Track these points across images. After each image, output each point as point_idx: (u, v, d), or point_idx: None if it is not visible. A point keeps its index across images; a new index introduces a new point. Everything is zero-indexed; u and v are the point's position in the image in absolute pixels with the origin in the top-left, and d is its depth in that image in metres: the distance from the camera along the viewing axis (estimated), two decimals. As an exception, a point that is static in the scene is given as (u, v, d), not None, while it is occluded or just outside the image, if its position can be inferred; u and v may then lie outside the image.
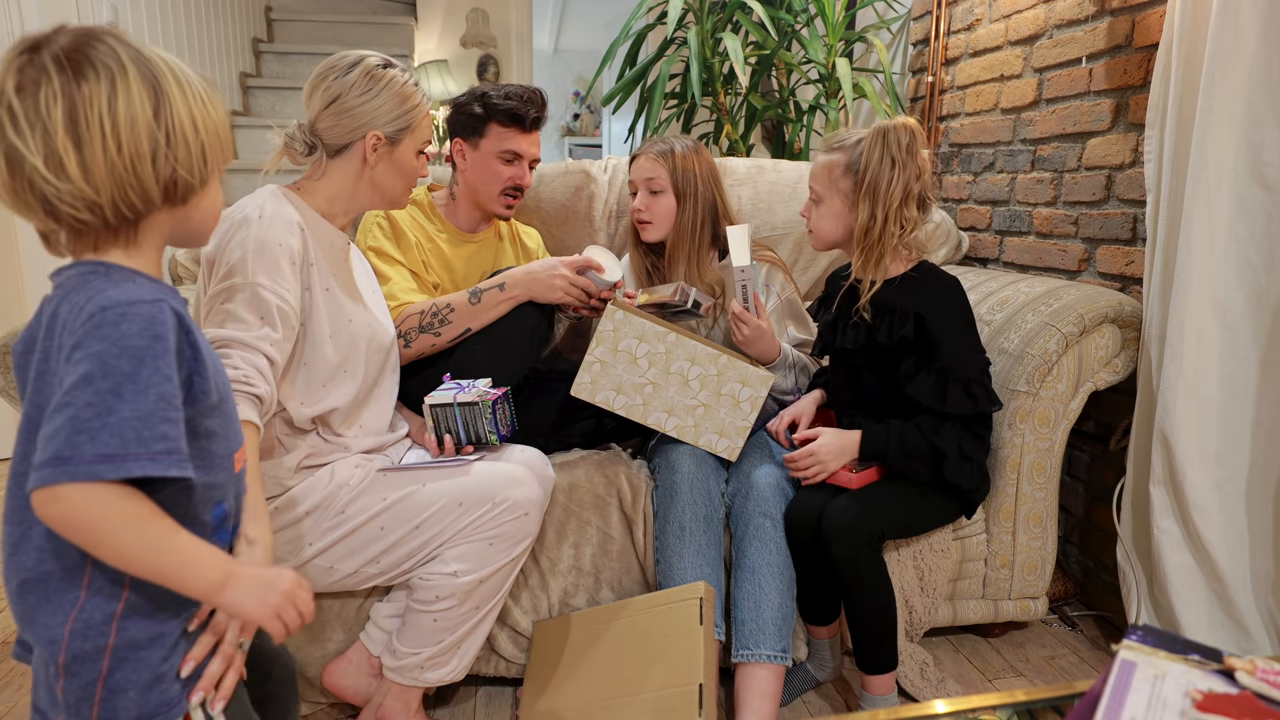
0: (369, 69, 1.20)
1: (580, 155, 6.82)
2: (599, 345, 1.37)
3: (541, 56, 6.78)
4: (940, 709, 0.72)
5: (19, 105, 0.66)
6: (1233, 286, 1.35)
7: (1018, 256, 2.01)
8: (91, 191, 0.68)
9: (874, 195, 1.31)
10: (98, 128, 0.67)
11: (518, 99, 1.57)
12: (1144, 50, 1.61)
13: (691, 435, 1.42)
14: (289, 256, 1.11)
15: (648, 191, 1.61)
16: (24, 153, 0.66)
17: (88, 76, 0.67)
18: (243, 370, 1.00)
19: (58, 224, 0.71)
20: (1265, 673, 0.58)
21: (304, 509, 1.16)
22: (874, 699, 1.33)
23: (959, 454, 1.33)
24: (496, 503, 1.20)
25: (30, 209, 0.69)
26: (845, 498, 1.33)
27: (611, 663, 1.27)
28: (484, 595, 1.22)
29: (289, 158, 1.23)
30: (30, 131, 0.66)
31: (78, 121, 0.67)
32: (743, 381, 1.39)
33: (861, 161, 1.32)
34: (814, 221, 1.42)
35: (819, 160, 1.39)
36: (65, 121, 0.66)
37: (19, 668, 1.56)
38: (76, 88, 0.67)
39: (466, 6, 4.53)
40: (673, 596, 1.29)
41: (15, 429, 0.71)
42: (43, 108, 0.66)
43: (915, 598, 1.48)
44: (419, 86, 1.26)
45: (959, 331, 1.35)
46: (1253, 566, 1.39)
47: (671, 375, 1.38)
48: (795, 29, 2.67)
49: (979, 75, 2.13)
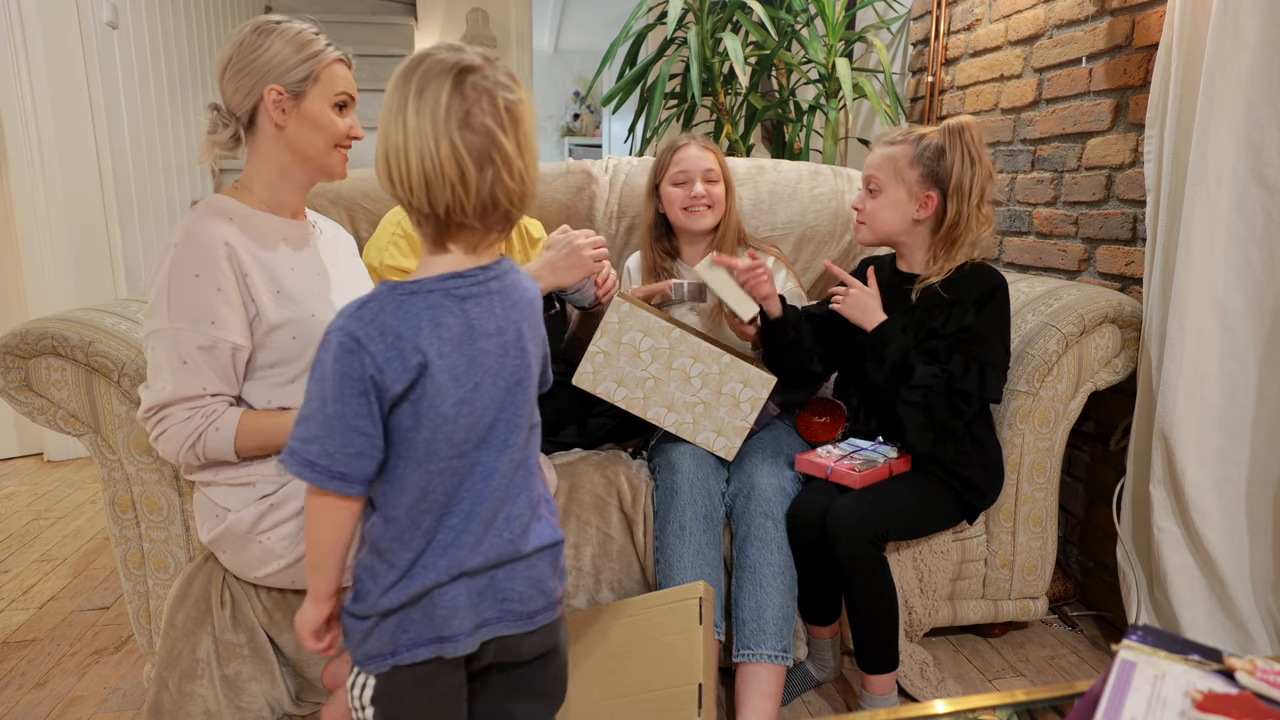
0: (258, 24, 1.16)
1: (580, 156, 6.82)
2: (603, 336, 1.37)
3: (541, 56, 6.78)
4: (940, 709, 0.72)
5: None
6: (1233, 286, 1.34)
7: (1018, 256, 2.01)
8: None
9: (960, 193, 1.36)
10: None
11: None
12: (1144, 50, 1.61)
13: (690, 432, 1.42)
14: (213, 282, 1.10)
15: (705, 181, 1.62)
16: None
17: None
18: (194, 423, 1.10)
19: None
20: (1265, 673, 0.58)
21: (297, 505, 1.16)
22: (875, 699, 1.33)
23: (926, 384, 1.35)
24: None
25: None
26: (849, 497, 1.33)
27: (611, 663, 1.27)
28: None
29: (218, 149, 1.20)
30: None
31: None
32: (744, 382, 1.39)
33: (947, 160, 1.36)
34: (871, 212, 1.43)
35: (881, 151, 1.42)
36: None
37: (19, 667, 1.56)
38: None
39: (466, 6, 4.53)
40: (672, 596, 1.29)
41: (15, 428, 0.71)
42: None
43: (915, 598, 1.48)
44: (322, 36, 1.19)
45: (1000, 319, 1.39)
46: (1253, 567, 1.39)
47: (674, 371, 1.38)
48: (795, 29, 2.67)
49: (979, 75, 2.13)
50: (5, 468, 2.70)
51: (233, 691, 1.22)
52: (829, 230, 1.94)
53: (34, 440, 2.80)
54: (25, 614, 1.76)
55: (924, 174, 1.38)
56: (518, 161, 0.77)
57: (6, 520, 2.27)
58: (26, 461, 2.75)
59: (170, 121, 3.18)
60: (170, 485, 1.32)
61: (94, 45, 2.65)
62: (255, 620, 1.24)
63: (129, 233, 2.86)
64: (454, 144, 0.73)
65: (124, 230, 2.82)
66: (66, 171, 2.65)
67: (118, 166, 2.79)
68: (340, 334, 0.74)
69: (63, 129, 2.63)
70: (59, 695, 1.47)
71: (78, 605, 1.79)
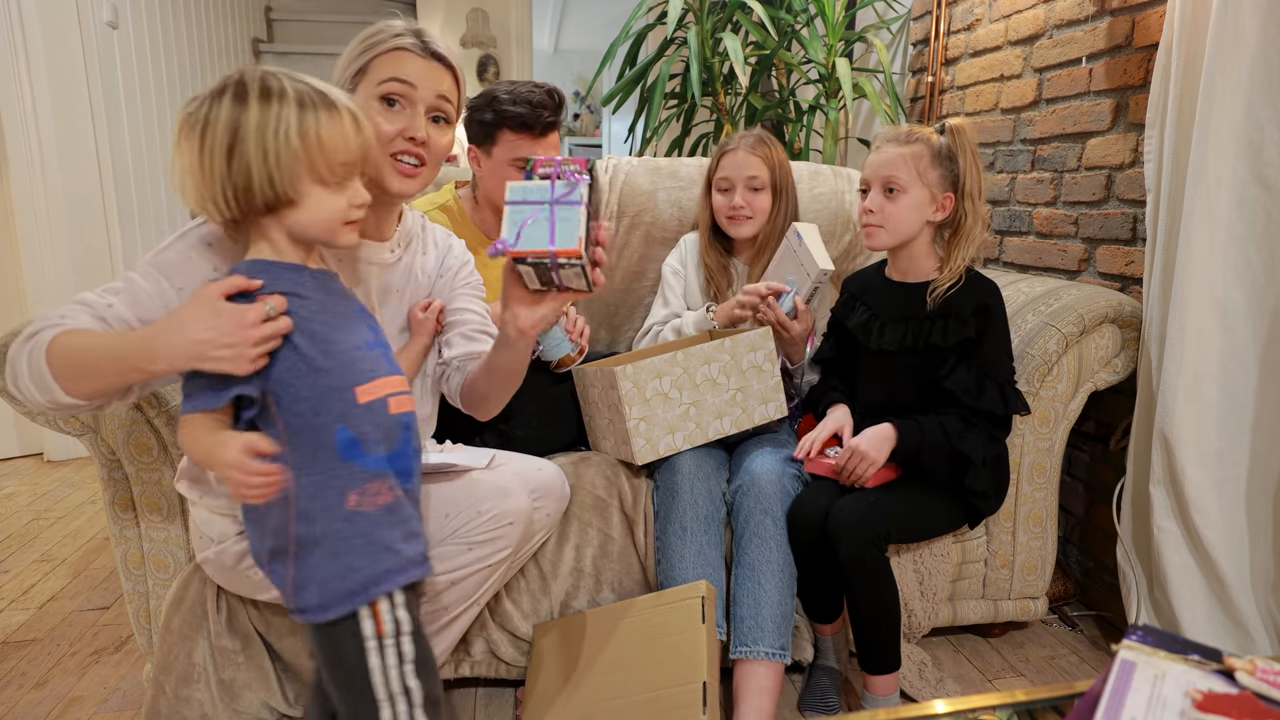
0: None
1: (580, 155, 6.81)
2: (630, 407, 1.36)
3: (541, 56, 6.78)
4: (940, 709, 0.72)
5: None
6: (1232, 286, 1.34)
7: (1018, 256, 2.01)
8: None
9: (971, 195, 1.34)
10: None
11: (527, 104, 1.47)
12: (1144, 50, 1.61)
13: (746, 421, 1.44)
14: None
15: (748, 189, 1.58)
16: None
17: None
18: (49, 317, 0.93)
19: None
20: (1265, 673, 0.58)
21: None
22: (876, 699, 1.33)
23: (983, 461, 1.35)
24: (481, 511, 1.16)
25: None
26: (852, 498, 1.33)
27: (613, 663, 1.27)
28: (455, 597, 1.18)
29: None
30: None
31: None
32: (752, 348, 1.41)
33: (957, 161, 1.34)
34: (890, 214, 1.35)
35: (897, 151, 1.34)
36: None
37: (19, 667, 1.56)
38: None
39: (466, 6, 4.53)
40: (674, 596, 1.29)
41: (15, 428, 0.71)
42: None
43: (915, 601, 1.48)
44: (398, 24, 1.13)
45: (1003, 335, 1.38)
46: (1253, 567, 1.39)
47: (700, 385, 1.40)
48: (795, 29, 2.67)
49: (979, 75, 2.13)
50: (5, 468, 2.70)
51: (229, 696, 1.22)
52: (829, 230, 1.93)
53: (34, 440, 2.80)
54: (25, 614, 1.76)
55: (943, 175, 1.35)
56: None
57: (6, 520, 2.27)
58: (26, 461, 2.75)
59: (170, 121, 3.18)
60: (170, 485, 1.32)
61: (94, 45, 2.66)
62: (251, 626, 1.24)
63: (129, 233, 2.86)
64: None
65: (124, 230, 2.82)
66: (66, 171, 2.65)
67: (118, 166, 2.79)
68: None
69: (63, 129, 2.63)
70: (59, 695, 1.47)
71: (78, 605, 1.79)
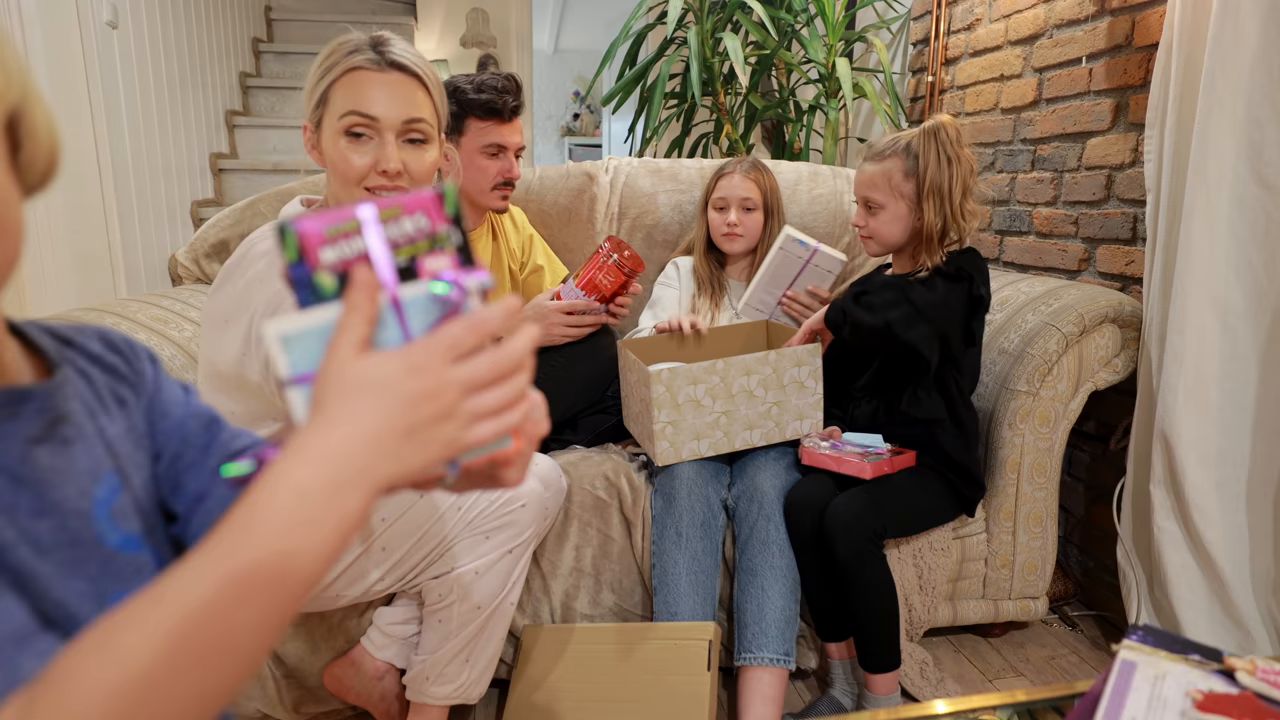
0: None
1: (580, 155, 6.83)
2: (661, 410, 1.36)
3: (541, 56, 6.78)
4: (940, 709, 0.72)
5: None
6: (1233, 286, 1.34)
7: (1018, 256, 2.01)
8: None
9: (938, 196, 1.35)
10: None
11: (492, 90, 1.52)
12: (1144, 50, 1.61)
13: (777, 435, 1.45)
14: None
15: (742, 209, 1.70)
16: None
17: None
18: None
19: None
20: (1265, 673, 0.58)
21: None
22: (877, 699, 1.33)
23: (886, 323, 1.32)
24: (492, 499, 1.19)
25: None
26: (847, 495, 1.33)
27: (614, 697, 1.26)
28: (485, 593, 1.20)
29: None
30: None
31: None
32: (797, 363, 1.42)
33: (920, 164, 1.35)
34: (874, 228, 1.44)
35: (872, 169, 1.42)
36: None
37: (20, 668, 1.55)
38: None
39: (466, 6, 4.53)
40: (679, 633, 1.28)
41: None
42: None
43: (914, 596, 1.48)
44: (351, 41, 1.02)
45: (953, 291, 1.34)
46: (1253, 567, 1.39)
47: (736, 396, 1.40)
48: (795, 29, 2.67)
49: (979, 75, 2.13)
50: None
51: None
52: (828, 231, 1.94)
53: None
54: (26, 614, 1.75)
55: (918, 185, 1.38)
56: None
57: (7, 520, 2.26)
58: (27, 462, 2.75)
59: (170, 121, 3.18)
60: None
61: (94, 45, 2.66)
62: None
63: (129, 233, 2.86)
64: None
65: (124, 230, 2.82)
66: (66, 171, 2.60)
67: (118, 166, 2.79)
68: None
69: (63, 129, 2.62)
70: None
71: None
